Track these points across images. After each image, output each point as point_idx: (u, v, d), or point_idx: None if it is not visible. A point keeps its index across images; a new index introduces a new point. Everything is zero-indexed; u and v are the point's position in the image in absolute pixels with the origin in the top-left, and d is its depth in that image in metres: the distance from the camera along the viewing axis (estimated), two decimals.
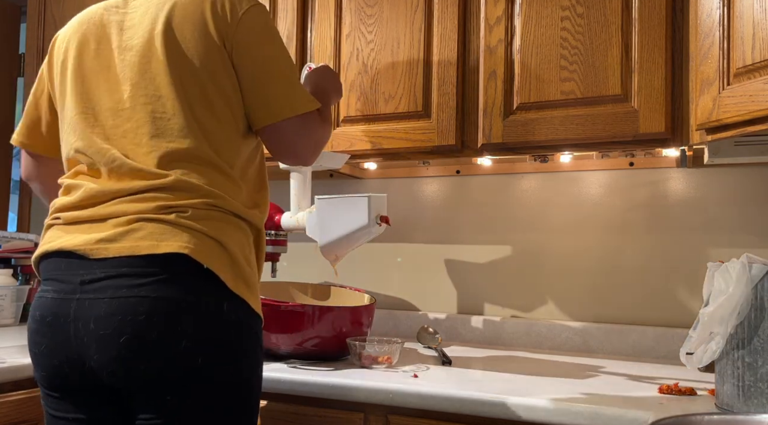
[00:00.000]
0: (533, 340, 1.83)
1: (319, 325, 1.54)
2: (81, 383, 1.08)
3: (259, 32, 1.19)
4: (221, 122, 1.15)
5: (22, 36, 2.59)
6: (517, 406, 1.21)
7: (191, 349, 1.03)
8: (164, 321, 1.02)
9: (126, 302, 1.02)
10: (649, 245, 1.76)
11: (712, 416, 1.01)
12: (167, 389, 1.04)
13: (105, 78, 1.18)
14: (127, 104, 1.14)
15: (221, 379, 1.07)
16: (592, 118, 1.46)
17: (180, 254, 1.04)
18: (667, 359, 1.66)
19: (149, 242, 1.04)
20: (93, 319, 1.03)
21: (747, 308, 1.13)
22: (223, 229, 1.10)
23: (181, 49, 1.14)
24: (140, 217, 1.07)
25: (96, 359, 1.04)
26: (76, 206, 1.13)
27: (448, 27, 1.62)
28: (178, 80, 1.13)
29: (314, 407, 1.39)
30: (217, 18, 1.16)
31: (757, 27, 1.19)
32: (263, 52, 1.19)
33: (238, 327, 1.09)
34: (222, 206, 1.12)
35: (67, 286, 1.07)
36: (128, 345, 1.02)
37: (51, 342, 1.08)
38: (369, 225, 1.53)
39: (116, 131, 1.14)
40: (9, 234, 2.25)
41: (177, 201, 1.09)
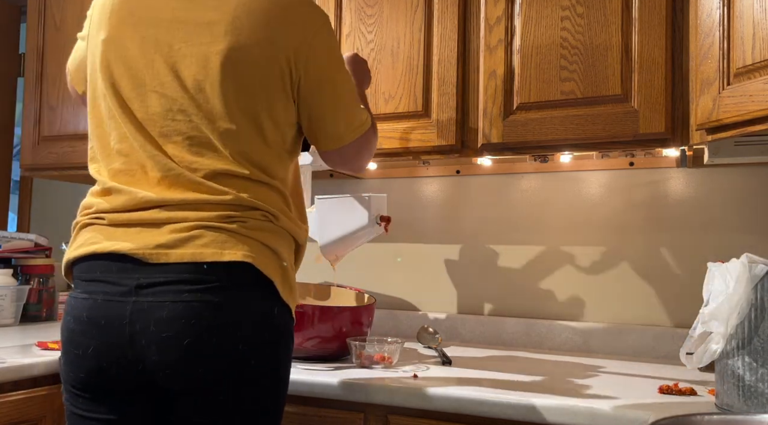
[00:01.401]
0: (533, 340, 1.83)
1: (319, 325, 1.54)
2: (125, 384, 1.08)
3: (328, 60, 1.19)
4: (269, 145, 1.15)
5: (22, 36, 2.59)
6: (517, 406, 1.21)
7: (247, 352, 1.06)
8: (225, 325, 1.05)
9: (189, 306, 1.03)
10: (649, 245, 1.76)
11: (712, 416, 1.01)
12: (221, 390, 1.06)
13: (151, 77, 1.13)
14: (179, 116, 1.11)
15: (268, 379, 1.10)
16: (592, 118, 1.46)
17: (243, 262, 1.06)
18: (667, 359, 1.66)
19: (213, 250, 1.05)
20: (154, 321, 1.03)
21: (747, 308, 1.13)
22: (277, 240, 1.13)
23: (241, 74, 1.11)
24: (200, 224, 1.07)
25: (154, 360, 1.04)
26: (122, 211, 1.11)
27: (448, 27, 1.62)
28: (231, 106, 1.11)
29: (314, 407, 1.39)
30: (287, 43, 1.13)
31: (757, 27, 1.19)
32: (331, 82, 1.20)
33: (285, 332, 1.13)
34: (275, 221, 1.14)
35: (119, 289, 1.06)
36: (190, 348, 1.03)
37: (101, 344, 1.06)
38: (369, 225, 1.53)
39: (164, 141, 1.11)
40: (9, 234, 2.25)
41: (237, 212, 1.10)
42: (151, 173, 1.11)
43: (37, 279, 2.19)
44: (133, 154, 1.13)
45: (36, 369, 1.46)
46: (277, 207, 1.15)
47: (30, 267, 2.19)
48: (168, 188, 1.10)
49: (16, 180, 2.74)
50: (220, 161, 1.10)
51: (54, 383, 1.49)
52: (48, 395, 1.48)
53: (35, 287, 2.17)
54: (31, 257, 2.21)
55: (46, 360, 1.49)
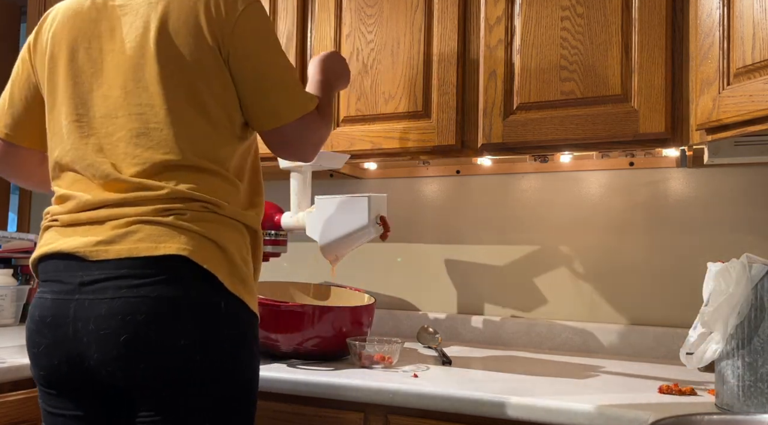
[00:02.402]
0: (533, 340, 1.83)
1: (319, 325, 1.54)
2: (80, 382, 1.09)
3: (256, 36, 1.18)
4: (216, 127, 1.15)
5: (22, 36, 2.59)
6: (517, 406, 1.21)
7: (190, 348, 1.04)
8: (163, 320, 1.04)
9: (126, 303, 1.03)
10: (649, 245, 1.76)
11: (712, 416, 1.02)
12: (166, 387, 1.05)
13: (98, 82, 1.17)
14: (120, 112, 1.14)
15: (219, 377, 1.08)
16: (592, 118, 1.46)
17: (178, 256, 1.06)
18: (667, 359, 1.66)
19: (148, 244, 1.06)
20: (93, 319, 1.04)
21: (747, 308, 1.13)
22: (220, 230, 1.12)
23: (174, 55, 1.13)
24: (138, 219, 1.08)
25: (96, 358, 1.05)
26: (71, 211, 1.14)
27: (448, 27, 1.62)
28: (171, 89, 1.13)
29: (314, 407, 1.39)
30: (212, 21, 1.15)
31: (757, 27, 1.19)
32: (261, 57, 1.19)
33: (236, 326, 1.10)
34: (218, 210, 1.13)
35: (66, 287, 1.08)
36: (128, 344, 1.03)
37: (50, 342, 1.08)
38: (369, 225, 1.53)
39: (110, 140, 1.14)
40: (9, 234, 2.25)
41: (175, 205, 1.10)
42: (93, 180, 1.14)
43: (36, 280, 2.19)
44: (76, 166, 1.16)
45: None
46: (220, 196, 1.14)
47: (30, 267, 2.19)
48: (106, 190, 1.12)
49: None
50: (162, 149, 1.11)
51: None
52: None
53: (35, 287, 2.17)
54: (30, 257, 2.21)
55: None
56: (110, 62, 1.16)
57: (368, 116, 1.69)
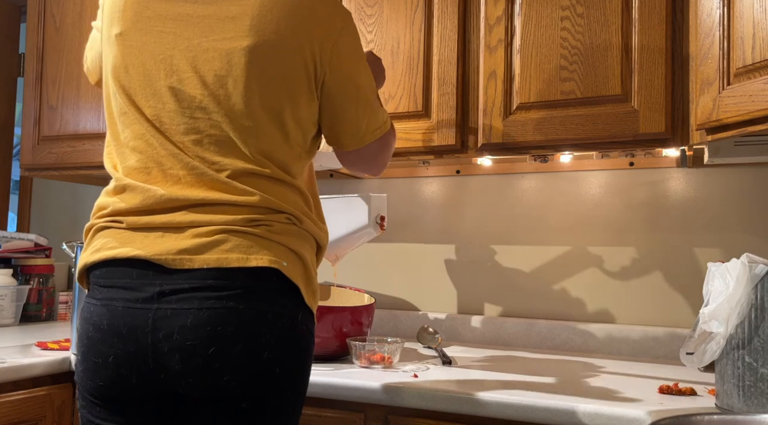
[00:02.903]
0: (533, 340, 1.83)
1: (319, 325, 1.54)
2: (145, 393, 1.05)
3: (352, 58, 1.17)
4: (290, 143, 1.13)
5: (22, 36, 2.59)
6: (517, 406, 1.21)
7: (272, 361, 1.03)
8: (251, 333, 1.02)
9: (214, 313, 1.00)
10: (649, 245, 1.76)
11: (712, 416, 1.01)
12: (244, 398, 1.03)
13: (167, 72, 1.09)
14: (197, 114, 1.07)
15: (292, 387, 1.08)
16: (592, 118, 1.46)
17: (269, 268, 1.04)
18: (667, 359, 1.66)
19: (238, 255, 1.02)
20: (177, 329, 1.00)
21: (747, 308, 1.13)
22: (301, 244, 1.10)
23: (265, 70, 1.08)
24: (225, 228, 1.04)
25: (178, 369, 1.01)
26: (141, 212, 1.07)
27: (448, 27, 1.62)
28: (254, 103, 1.08)
29: (314, 407, 1.39)
30: (312, 40, 1.10)
31: (757, 27, 1.19)
32: (354, 80, 1.18)
33: (309, 338, 1.10)
34: (299, 224, 1.11)
35: (140, 295, 1.02)
36: (216, 356, 1.00)
37: (122, 353, 1.03)
38: (369, 225, 1.53)
39: (182, 139, 1.07)
40: (9, 234, 2.25)
41: (262, 215, 1.07)
42: (170, 170, 1.07)
43: (37, 279, 2.19)
44: (149, 151, 1.09)
45: (36, 369, 1.47)
46: (300, 209, 1.12)
47: (30, 267, 2.19)
48: (190, 186, 1.06)
49: (16, 180, 2.74)
50: (242, 160, 1.07)
51: (54, 383, 1.49)
52: (48, 395, 1.48)
53: (35, 287, 2.18)
54: (31, 257, 2.21)
55: (46, 360, 1.49)
56: (186, 57, 1.09)
57: None
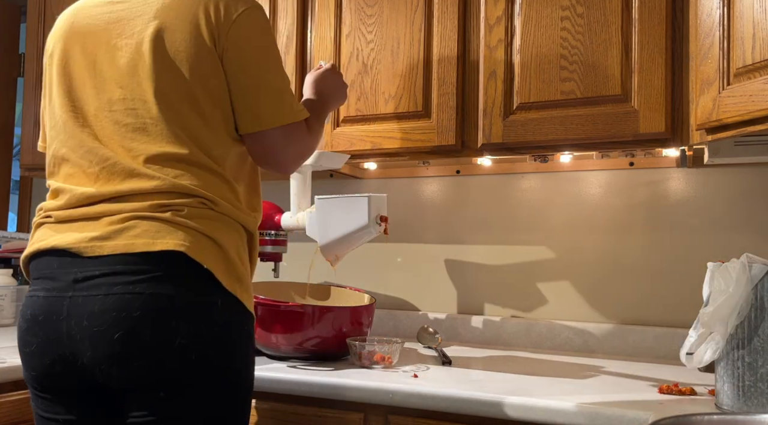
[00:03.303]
0: (533, 340, 1.83)
1: (319, 325, 1.54)
2: (72, 382, 1.07)
3: (252, 37, 1.18)
4: (210, 125, 1.15)
5: (22, 36, 2.59)
6: (517, 406, 1.21)
7: (185, 346, 1.03)
8: (159, 317, 1.02)
9: (121, 299, 1.02)
10: (649, 245, 1.76)
11: (712, 416, 1.01)
12: (160, 386, 1.03)
13: (91, 77, 1.17)
14: (115, 106, 1.14)
15: (214, 376, 1.07)
16: (592, 118, 1.46)
17: (176, 252, 1.04)
18: (667, 359, 1.66)
19: (145, 240, 1.04)
20: (87, 316, 1.03)
21: (747, 308, 1.13)
22: (217, 228, 1.11)
23: (170, 53, 1.13)
24: (135, 215, 1.07)
25: (89, 356, 1.03)
26: (66, 208, 1.13)
27: (448, 27, 1.62)
28: (164, 85, 1.12)
29: (314, 407, 1.39)
30: (210, 20, 1.15)
31: (757, 27, 1.19)
32: (253, 58, 1.18)
33: (231, 325, 1.09)
34: (215, 207, 1.12)
35: (59, 284, 1.07)
36: (122, 342, 1.01)
37: (43, 341, 1.07)
38: (369, 225, 1.53)
39: (105, 132, 1.14)
40: (9, 234, 2.25)
41: (172, 200, 1.09)
42: (89, 169, 1.13)
43: None
44: (73, 154, 1.15)
45: None
46: (218, 193, 1.13)
47: None
48: (105, 182, 1.12)
49: (16, 180, 2.74)
50: (159, 142, 1.11)
51: None
52: None
53: None
54: None
55: None
56: (106, 59, 1.16)
57: (368, 115, 1.69)
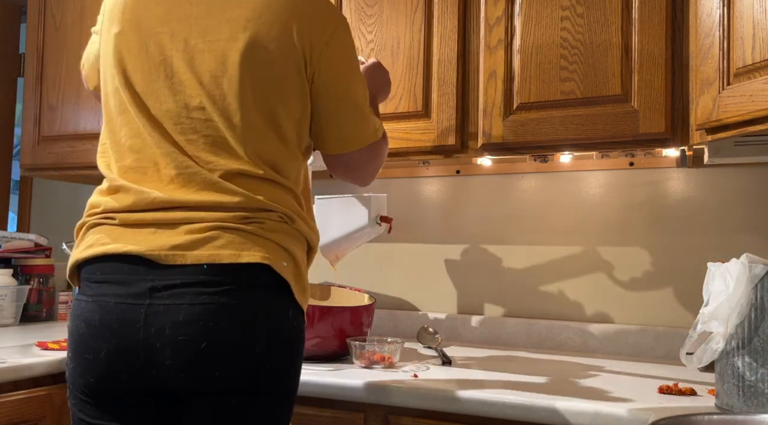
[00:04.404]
0: (533, 340, 1.83)
1: (319, 325, 1.54)
2: (136, 389, 1.05)
3: (344, 60, 1.18)
4: (287, 144, 1.14)
5: (22, 36, 2.59)
6: (517, 406, 1.21)
7: (264, 356, 1.04)
8: (243, 328, 1.03)
9: (206, 309, 1.01)
10: (649, 245, 1.76)
11: (712, 416, 1.01)
12: (236, 393, 1.03)
13: (163, 73, 1.11)
14: (194, 114, 1.09)
15: (282, 383, 1.09)
16: (592, 118, 1.46)
17: (261, 264, 1.05)
18: (667, 359, 1.66)
19: (230, 252, 1.03)
20: (170, 324, 1.01)
21: (747, 308, 1.13)
22: (292, 242, 1.11)
23: (259, 71, 1.10)
24: (217, 225, 1.05)
25: (169, 364, 1.01)
26: (133, 211, 1.08)
27: (448, 27, 1.62)
28: (249, 103, 1.09)
29: (314, 407, 1.39)
30: (303, 38, 1.11)
31: (757, 27, 1.19)
32: (344, 83, 1.18)
33: (299, 334, 1.12)
34: (291, 223, 1.12)
35: (133, 290, 1.03)
36: (208, 351, 1.01)
37: (114, 348, 1.03)
38: (369, 225, 1.53)
39: (179, 138, 1.09)
40: (9, 234, 2.25)
41: (253, 213, 1.08)
42: (164, 170, 1.09)
43: (37, 279, 2.19)
44: (145, 150, 1.10)
45: (36, 369, 1.46)
46: (292, 209, 1.13)
47: (30, 267, 2.19)
48: (181, 187, 1.07)
49: (16, 180, 2.74)
50: (236, 160, 1.08)
51: (54, 383, 1.49)
52: (48, 395, 1.48)
53: (35, 287, 2.17)
54: (31, 257, 2.21)
55: (46, 360, 1.49)
56: (182, 58, 1.11)
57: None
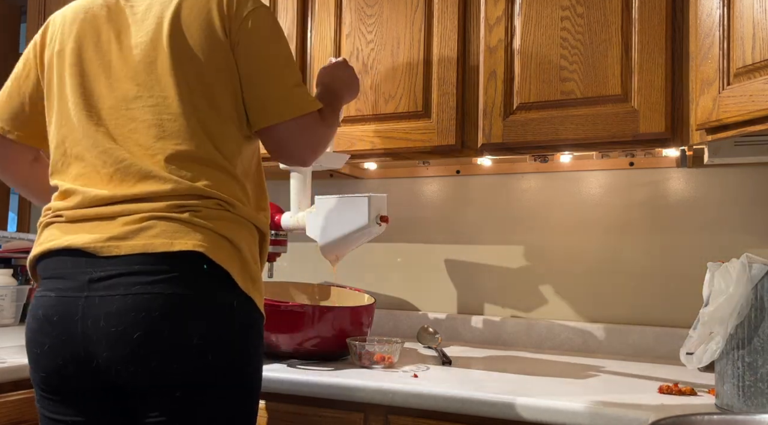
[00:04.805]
0: (533, 340, 1.83)
1: (319, 325, 1.54)
2: (84, 383, 1.06)
3: (262, 32, 1.19)
4: (225, 122, 1.15)
5: (22, 36, 2.59)
6: (517, 406, 1.21)
7: (202, 347, 1.03)
8: (178, 318, 1.02)
9: (139, 299, 1.02)
10: (649, 245, 1.76)
11: (712, 416, 1.01)
12: (177, 386, 1.03)
13: (106, 74, 1.16)
14: (132, 104, 1.13)
15: (229, 376, 1.07)
16: (592, 118, 1.46)
17: (195, 252, 1.05)
18: (667, 359, 1.66)
19: (163, 240, 1.04)
20: (104, 316, 1.02)
21: (747, 308, 1.13)
22: (234, 229, 1.11)
23: (187, 49, 1.14)
24: (152, 215, 1.06)
25: (105, 356, 1.02)
26: (78, 206, 1.12)
27: (448, 27, 1.62)
28: (183, 81, 1.13)
29: (314, 407, 1.39)
30: (223, 16, 1.16)
31: (757, 27, 1.19)
32: (263, 51, 1.19)
33: (247, 326, 1.10)
34: (231, 209, 1.12)
35: (73, 283, 1.06)
36: (141, 342, 1.01)
37: (56, 341, 1.06)
38: (369, 225, 1.53)
39: (121, 131, 1.13)
40: (9, 234, 2.25)
41: (189, 201, 1.08)
42: (103, 170, 1.12)
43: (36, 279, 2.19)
44: (87, 154, 1.14)
45: None
46: (233, 195, 1.13)
47: None
48: (120, 183, 1.10)
49: None
50: (175, 139, 1.11)
51: None
52: None
53: (35, 287, 2.17)
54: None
55: None
56: (120, 56, 1.16)
57: (368, 116, 1.69)
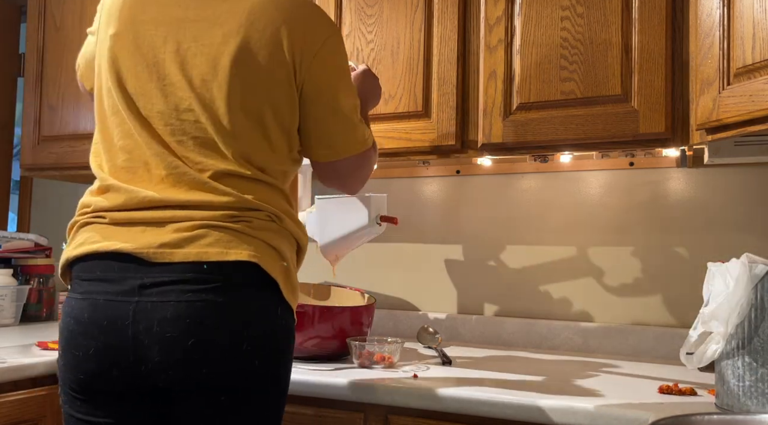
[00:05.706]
0: (533, 340, 1.83)
1: (319, 325, 1.54)
2: (124, 386, 1.06)
3: (332, 69, 1.19)
4: (275, 149, 1.15)
5: (22, 36, 2.59)
6: (517, 406, 1.21)
7: (251, 353, 1.05)
8: (230, 325, 1.04)
9: (193, 306, 1.02)
10: (649, 245, 1.76)
11: (712, 416, 1.01)
12: (223, 390, 1.05)
13: (156, 75, 1.12)
14: (183, 116, 1.10)
15: (271, 380, 1.10)
16: (592, 118, 1.46)
17: (248, 262, 1.06)
18: (667, 359, 1.66)
19: (218, 249, 1.05)
20: (157, 322, 1.02)
21: (747, 308, 1.13)
22: (281, 241, 1.13)
23: (248, 75, 1.11)
24: (205, 223, 1.06)
25: (157, 361, 1.03)
26: (123, 210, 1.10)
27: (448, 27, 1.62)
28: (237, 107, 1.10)
29: (314, 407, 1.39)
30: (293, 46, 1.13)
31: (757, 27, 1.19)
32: (332, 92, 1.19)
33: (287, 332, 1.12)
34: (279, 222, 1.13)
35: (122, 288, 1.05)
36: (195, 348, 1.02)
37: (103, 345, 1.05)
38: (369, 225, 1.53)
39: (170, 139, 1.11)
40: (9, 234, 2.25)
41: (242, 212, 1.09)
42: (155, 170, 1.10)
43: (37, 279, 2.19)
44: (136, 150, 1.12)
45: (36, 369, 1.47)
46: (281, 208, 1.14)
47: (30, 267, 2.19)
48: (171, 187, 1.09)
49: (16, 180, 2.74)
50: (223, 161, 1.10)
51: (54, 383, 1.49)
52: (48, 395, 1.48)
53: (35, 287, 2.17)
54: (31, 257, 2.21)
55: (46, 360, 1.49)
56: (173, 60, 1.12)
57: (368, 115, 1.69)
